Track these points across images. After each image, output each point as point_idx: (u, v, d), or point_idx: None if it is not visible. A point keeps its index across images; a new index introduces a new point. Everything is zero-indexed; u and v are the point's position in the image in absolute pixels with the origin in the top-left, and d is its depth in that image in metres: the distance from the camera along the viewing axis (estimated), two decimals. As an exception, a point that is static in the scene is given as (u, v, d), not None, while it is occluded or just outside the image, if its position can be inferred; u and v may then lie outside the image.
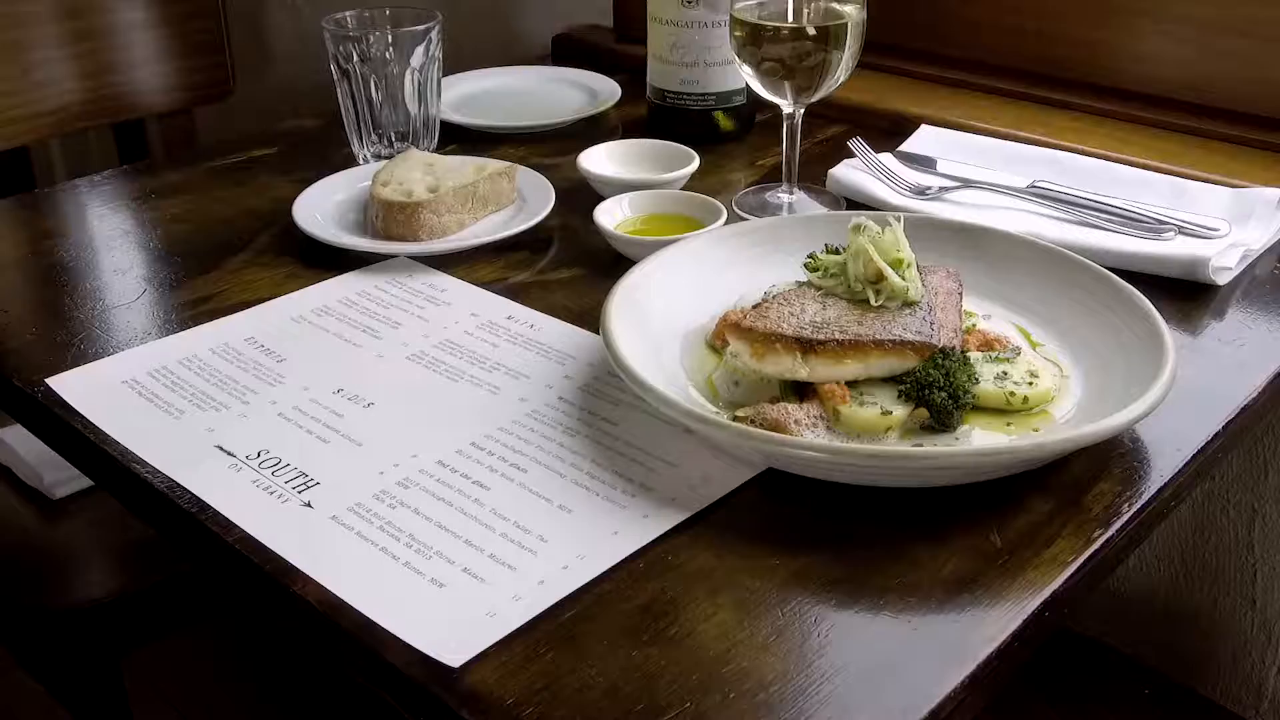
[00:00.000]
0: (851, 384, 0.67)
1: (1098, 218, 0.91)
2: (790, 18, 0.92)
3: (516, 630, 0.54)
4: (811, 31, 0.90)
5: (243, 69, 1.57)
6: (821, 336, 0.67)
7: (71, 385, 0.74)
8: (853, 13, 0.90)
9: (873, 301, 0.70)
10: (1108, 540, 0.60)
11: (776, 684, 0.51)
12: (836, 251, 0.77)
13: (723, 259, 0.82)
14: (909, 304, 0.71)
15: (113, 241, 0.94)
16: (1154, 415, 0.63)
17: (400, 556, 0.59)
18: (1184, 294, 0.83)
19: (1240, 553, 1.13)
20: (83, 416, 0.70)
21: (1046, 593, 0.56)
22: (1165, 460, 0.65)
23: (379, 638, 0.54)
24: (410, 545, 0.60)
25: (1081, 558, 0.59)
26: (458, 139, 1.13)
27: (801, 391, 0.69)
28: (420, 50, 1.04)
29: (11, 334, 0.80)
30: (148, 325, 0.81)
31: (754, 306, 0.76)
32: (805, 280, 0.78)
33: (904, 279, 0.71)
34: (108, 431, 0.69)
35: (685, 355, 0.75)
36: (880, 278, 0.71)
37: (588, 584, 0.57)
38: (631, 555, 0.59)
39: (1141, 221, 0.89)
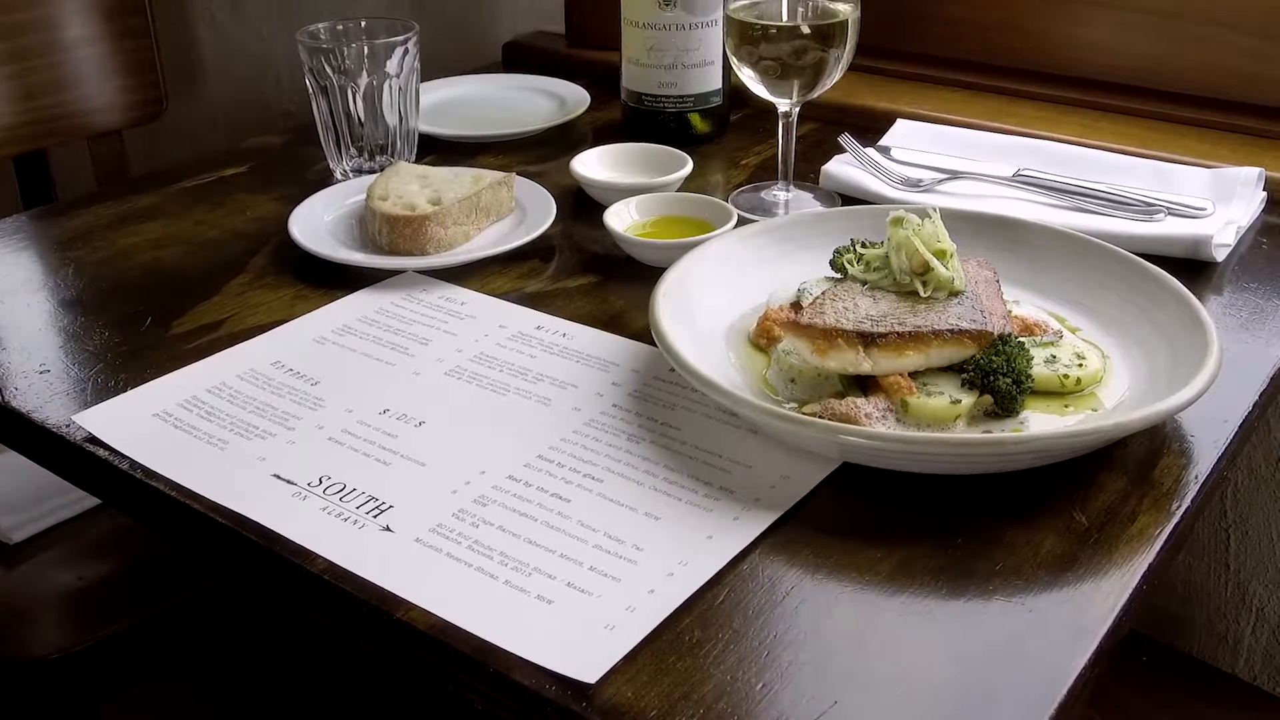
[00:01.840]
0: (912, 375, 0.68)
1: (1089, 203, 0.93)
2: (786, 17, 0.93)
3: (639, 641, 0.53)
4: (806, 30, 0.91)
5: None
6: (882, 329, 0.68)
7: (100, 421, 0.70)
8: (848, 10, 0.91)
9: (921, 293, 0.71)
10: (1185, 511, 0.62)
11: (912, 677, 0.52)
12: (864, 246, 0.78)
13: (749, 258, 0.82)
14: (954, 293, 0.72)
15: (101, 270, 0.90)
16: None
17: (498, 575, 0.58)
18: (1177, 273, 0.85)
19: (1213, 519, 1.18)
20: (121, 453, 0.67)
21: (1144, 566, 0.58)
22: (1216, 431, 0.68)
23: (503, 660, 0.53)
24: (505, 563, 0.59)
25: (1167, 530, 0.60)
26: (431, 150, 1.11)
27: (862, 385, 0.69)
28: (401, 61, 1.02)
29: (20, 371, 0.76)
30: (162, 355, 0.77)
31: (794, 304, 0.77)
32: (832, 276, 0.79)
33: (948, 269, 0.72)
34: (152, 467, 0.66)
35: (732, 355, 0.75)
36: (926, 269, 0.72)
37: (698, 590, 0.56)
38: (734, 558, 0.59)
39: (1131, 204, 0.93)
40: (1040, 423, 0.68)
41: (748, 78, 0.94)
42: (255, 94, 1.78)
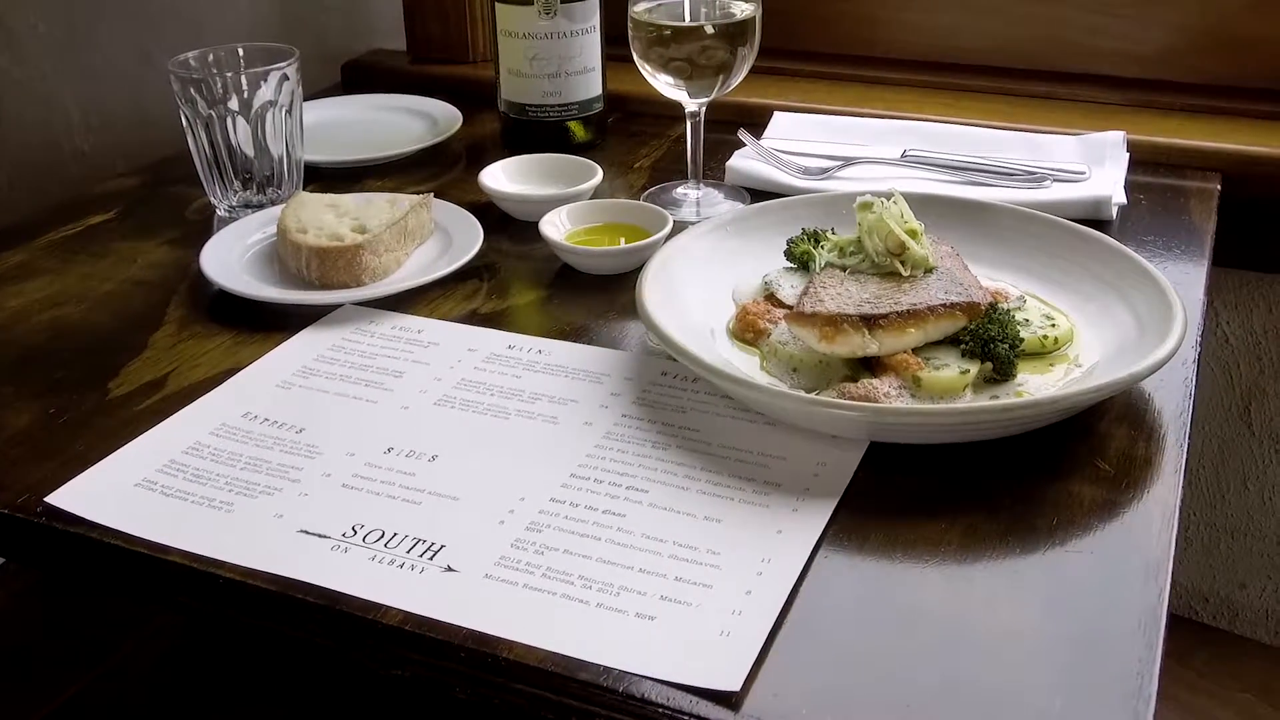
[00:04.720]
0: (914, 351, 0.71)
1: (980, 176, 0.99)
2: (688, 18, 0.94)
3: (763, 642, 0.53)
4: (710, 30, 0.92)
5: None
6: (883, 310, 0.70)
7: (76, 499, 0.63)
8: (750, 9, 0.93)
9: (903, 272, 0.74)
10: (1186, 446, 0.67)
11: (1028, 635, 0.54)
12: (815, 235, 0.80)
13: (705, 257, 0.82)
14: (929, 270, 0.75)
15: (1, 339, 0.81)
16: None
17: (588, 600, 0.56)
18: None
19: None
20: (115, 530, 0.61)
21: (1177, 498, 0.62)
22: (1181, 373, 0.73)
23: (633, 683, 0.51)
24: (588, 586, 0.57)
25: (1180, 464, 0.65)
26: (309, 179, 1.05)
27: (869, 367, 0.71)
28: (283, 88, 0.96)
29: (-43, 457, 0.68)
30: (112, 421, 0.71)
31: (768, 296, 0.78)
32: (789, 266, 0.81)
33: (921, 247, 0.75)
34: (157, 540, 0.60)
35: (726, 353, 0.75)
36: (903, 249, 0.74)
37: (794, 585, 0.57)
38: (814, 550, 0.59)
39: (1018, 175, 0.99)
40: (1035, 383, 0.71)
41: (658, 81, 0.94)
42: (43, 136, 1.64)
